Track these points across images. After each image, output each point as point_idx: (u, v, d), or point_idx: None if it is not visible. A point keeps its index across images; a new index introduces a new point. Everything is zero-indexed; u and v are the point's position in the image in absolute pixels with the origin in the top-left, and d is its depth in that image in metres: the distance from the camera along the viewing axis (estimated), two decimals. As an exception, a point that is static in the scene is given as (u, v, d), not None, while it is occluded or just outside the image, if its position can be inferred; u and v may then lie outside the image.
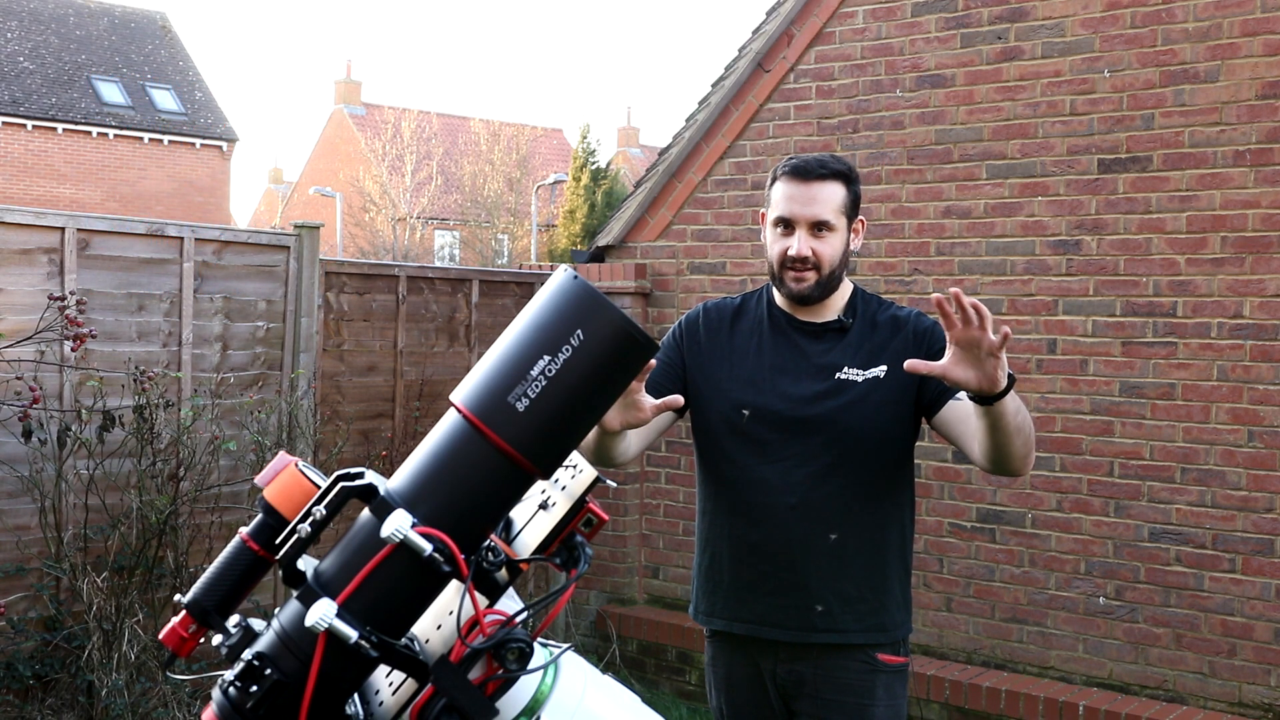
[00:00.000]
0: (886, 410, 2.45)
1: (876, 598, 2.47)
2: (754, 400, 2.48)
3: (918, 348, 2.44)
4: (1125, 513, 4.86)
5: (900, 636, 2.52)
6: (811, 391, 2.46)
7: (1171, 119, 4.78)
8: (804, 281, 2.46)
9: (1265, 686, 4.56)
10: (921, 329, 2.49)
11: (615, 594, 6.26)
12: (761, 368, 2.51)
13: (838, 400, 2.44)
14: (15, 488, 4.46)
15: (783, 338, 2.53)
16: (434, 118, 33.93)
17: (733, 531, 2.53)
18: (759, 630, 2.50)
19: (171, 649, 1.22)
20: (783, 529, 2.45)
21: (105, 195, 25.37)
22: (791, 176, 2.48)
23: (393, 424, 5.79)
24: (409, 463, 1.19)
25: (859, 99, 5.54)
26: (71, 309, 4.32)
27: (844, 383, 2.46)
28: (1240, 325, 4.64)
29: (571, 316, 1.14)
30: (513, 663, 1.14)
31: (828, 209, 2.45)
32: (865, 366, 2.47)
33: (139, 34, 28.24)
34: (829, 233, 2.45)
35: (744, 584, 2.51)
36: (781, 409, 2.46)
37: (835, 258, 2.47)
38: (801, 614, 2.45)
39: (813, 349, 2.51)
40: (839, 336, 2.51)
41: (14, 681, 4.36)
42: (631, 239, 6.30)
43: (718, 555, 2.56)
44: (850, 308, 2.54)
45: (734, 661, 2.58)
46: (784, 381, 2.49)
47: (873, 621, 2.47)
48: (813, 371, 2.48)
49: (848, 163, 2.55)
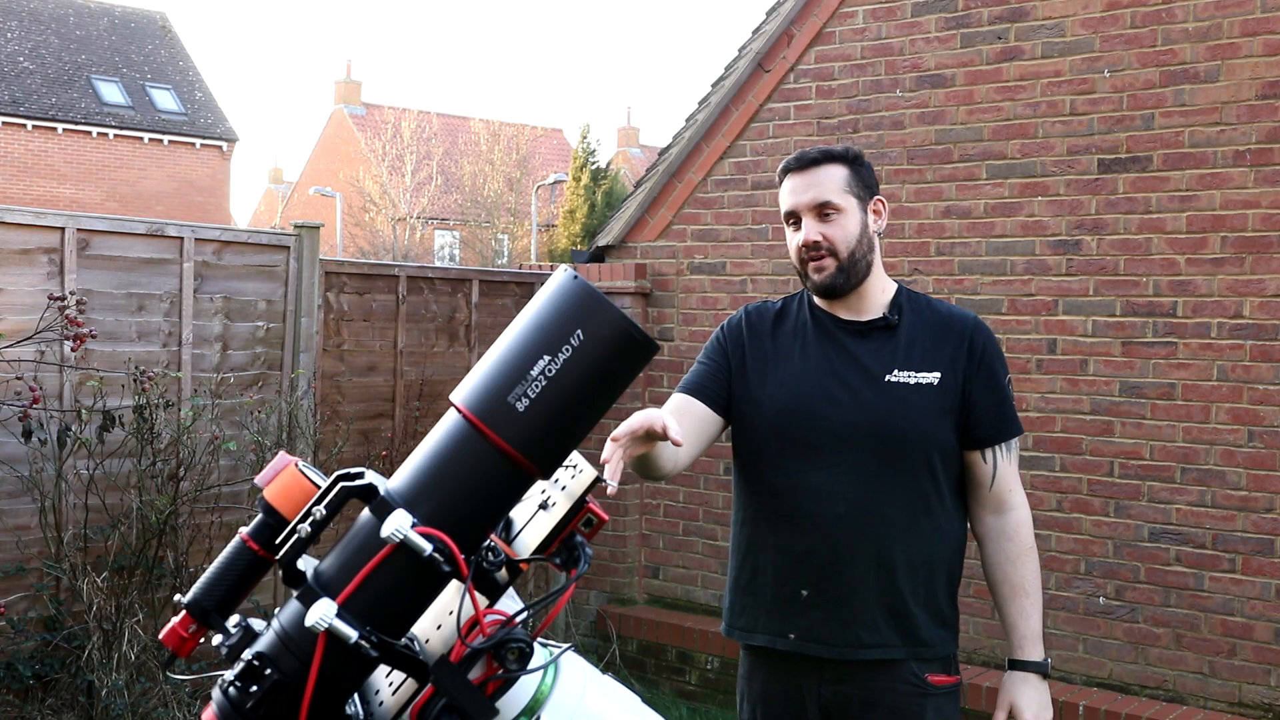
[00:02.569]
0: (939, 417, 2.35)
1: (926, 614, 2.36)
2: (800, 404, 2.38)
3: (970, 360, 2.37)
4: (1125, 513, 4.86)
5: (949, 654, 2.40)
6: (861, 395, 2.35)
7: (1171, 119, 4.78)
8: (824, 270, 2.36)
9: (1265, 686, 4.56)
10: (979, 341, 2.40)
11: (615, 594, 6.26)
12: (807, 370, 2.40)
13: (889, 404, 2.34)
14: (15, 488, 4.46)
15: (827, 339, 2.42)
16: (434, 118, 33.92)
17: (776, 542, 2.39)
18: (803, 647, 2.36)
19: (171, 649, 1.22)
20: (830, 539, 2.33)
21: (105, 195, 25.36)
22: (790, 171, 2.43)
23: (393, 424, 5.79)
24: (409, 463, 1.19)
25: (859, 99, 5.54)
26: (71, 309, 4.32)
27: (895, 385, 2.35)
28: (1240, 325, 4.64)
29: (571, 316, 1.14)
30: (513, 663, 1.14)
31: (828, 189, 2.36)
32: (918, 369, 2.36)
33: (139, 34, 28.24)
34: (836, 213, 2.36)
35: (787, 597, 2.38)
36: (829, 413, 2.35)
37: (850, 239, 2.36)
38: (848, 630, 2.33)
39: (859, 349, 2.39)
40: (887, 336, 2.39)
41: (14, 681, 4.36)
42: (631, 239, 6.30)
43: (760, 567, 2.42)
44: (895, 305, 2.42)
45: (772, 677, 2.44)
46: (831, 384, 2.38)
47: (921, 638, 2.35)
48: (861, 373, 2.37)
49: (850, 147, 2.46)
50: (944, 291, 5.22)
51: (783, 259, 5.74)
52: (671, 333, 6.12)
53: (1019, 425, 2.44)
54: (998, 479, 2.40)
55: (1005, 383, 2.43)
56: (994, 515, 2.43)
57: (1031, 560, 2.42)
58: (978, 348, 2.39)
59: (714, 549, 5.94)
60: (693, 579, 6.08)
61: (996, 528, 2.42)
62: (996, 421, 2.39)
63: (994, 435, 2.39)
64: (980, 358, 2.39)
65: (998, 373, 2.41)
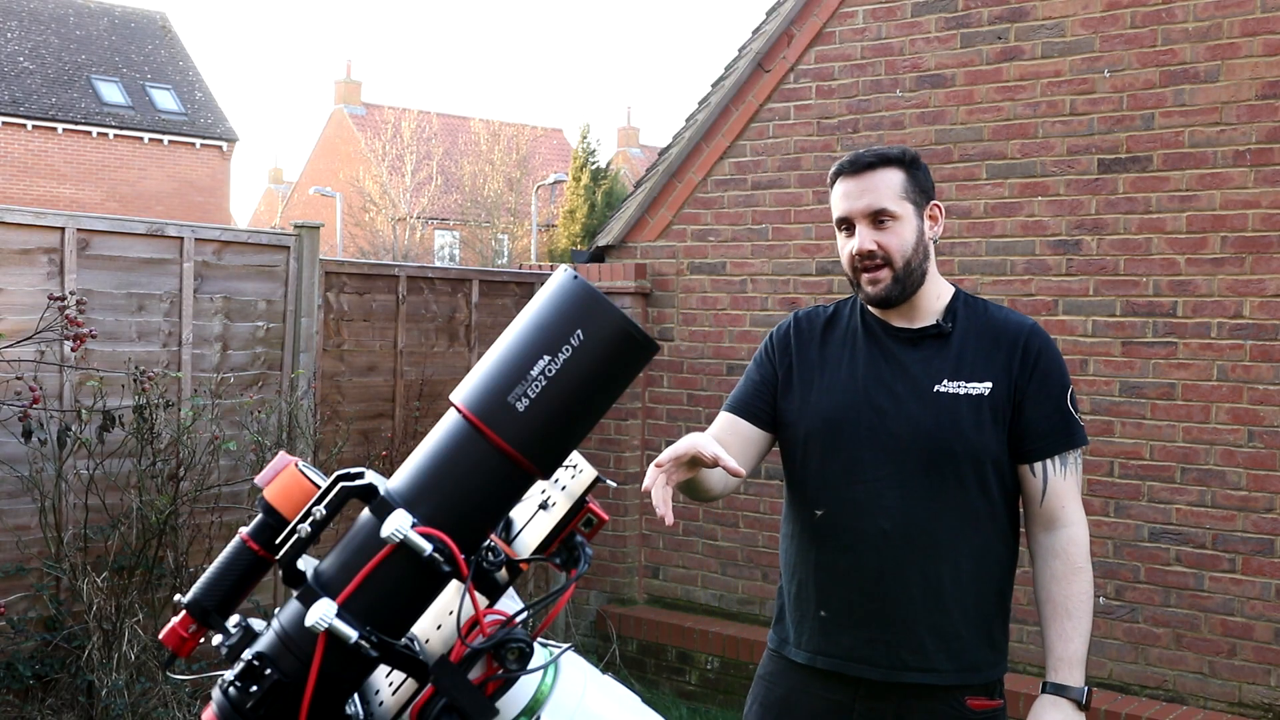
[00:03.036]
0: (991, 429, 2.25)
1: (973, 635, 2.26)
2: (844, 415, 2.30)
3: (1024, 369, 2.28)
4: (1125, 513, 4.86)
5: (995, 678, 2.31)
6: (908, 406, 2.27)
7: (1171, 119, 4.78)
8: (879, 282, 2.27)
9: (1265, 686, 4.56)
10: (1033, 348, 2.29)
11: (615, 594, 6.26)
12: (855, 379, 2.32)
13: (936, 416, 2.25)
14: (15, 488, 4.46)
15: (877, 347, 2.33)
16: (434, 118, 33.93)
17: (820, 558, 2.32)
18: (845, 666, 2.28)
19: (171, 649, 1.22)
20: (874, 555, 2.25)
21: (105, 195, 25.37)
22: (842, 174, 2.32)
23: (393, 424, 5.79)
24: (409, 463, 1.18)
25: (859, 99, 5.54)
26: (71, 309, 4.32)
27: (943, 396, 2.26)
28: (1240, 325, 4.64)
29: (571, 316, 1.14)
30: (513, 663, 1.14)
31: (884, 196, 2.27)
32: (969, 379, 2.27)
33: (139, 34, 28.24)
34: (892, 221, 2.27)
35: (830, 615, 2.30)
36: (874, 424, 2.27)
37: (906, 248, 2.27)
38: (891, 650, 2.24)
39: (909, 358, 2.30)
40: (939, 344, 2.30)
41: (14, 681, 4.36)
42: (631, 239, 6.30)
43: (804, 583, 2.35)
44: (950, 312, 2.33)
45: (797, 688, 2.35)
46: (878, 394, 2.29)
47: (967, 661, 2.26)
48: (909, 383, 2.29)
49: (906, 148, 2.38)
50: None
51: (782, 259, 5.74)
52: (671, 333, 6.12)
53: (1079, 437, 2.31)
54: (1049, 494, 2.29)
55: (1062, 392, 2.31)
56: (1045, 531, 2.31)
57: (1080, 581, 2.27)
58: (1031, 355, 2.29)
59: (714, 549, 5.94)
60: (693, 579, 6.07)
61: (1046, 544, 2.30)
62: (1048, 433, 2.29)
63: (1045, 448, 2.29)
64: (1034, 366, 2.29)
65: (1052, 381, 2.30)
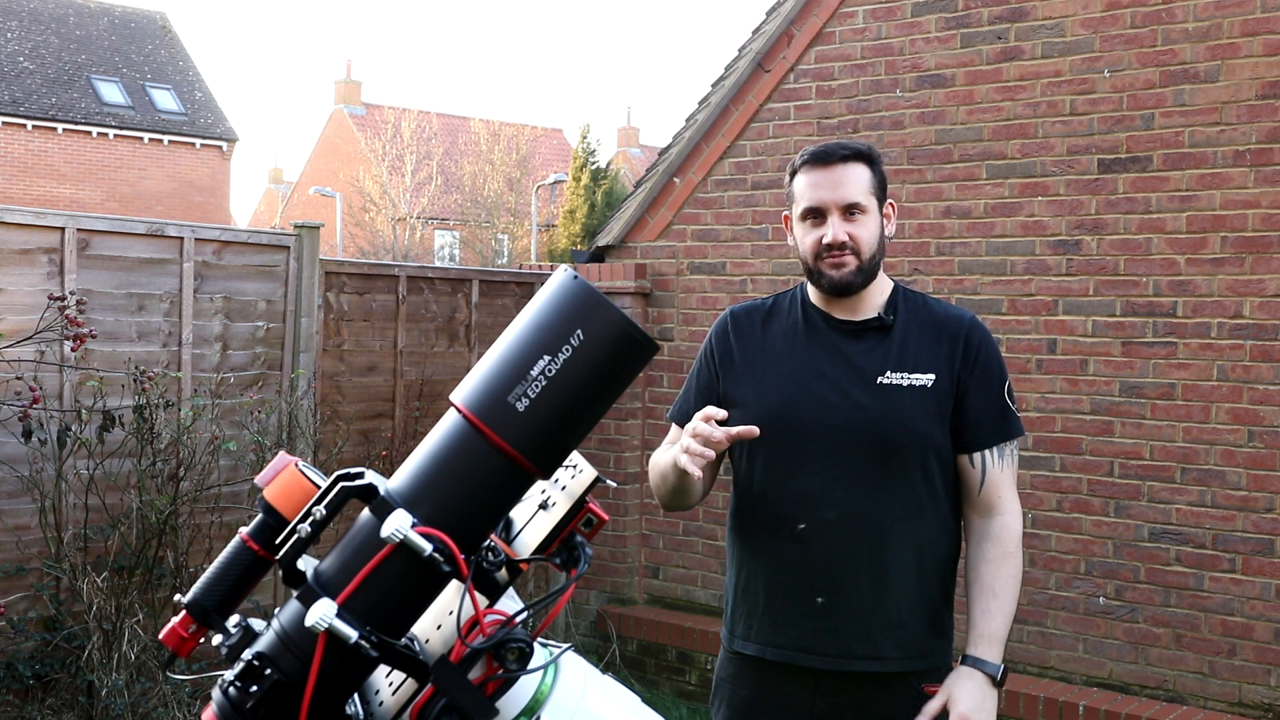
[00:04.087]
0: (934, 420, 2.30)
1: (920, 623, 2.31)
2: (789, 407, 2.32)
3: (965, 362, 2.33)
4: (1125, 513, 4.86)
5: (943, 663, 2.35)
6: (853, 397, 2.30)
7: (1171, 119, 4.78)
8: (844, 267, 2.30)
9: (1265, 686, 4.56)
10: (974, 341, 2.35)
11: (615, 594, 6.26)
12: (798, 371, 2.34)
13: (882, 407, 2.28)
14: (15, 488, 4.47)
15: (819, 339, 2.36)
16: (434, 118, 33.93)
17: (768, 549, 2.35)
18: (794, 657, 2.31)
19: (171, 649, 1.22)
20: (821, 546, 2.28)
21: (105, 195, 25.36)
22: (813, 164, 2.34)
23: (393, 424, 5.79)
24: (409, 463, 1.19)
25: (859, 99, 5.54)
26: (71, 309, 4.32)
27: (888, 387, 2.30)
28: (1240, 325, 4.64)
29: (571, 316, 1.14)
30: (513, 663, 1.14)
31: (857, 190, 2.31)
32: (911, 370, 2.31)
33: (139, 34, 28.24)
34: (862, 215, 2.31)
35: (779, 606, 2.33)
36: (820, 416, 2.30)
37: (872, 242, 2.32)
38: (838, 639, 2.28)
39: (852, 350, 2.34)
40: (881, 337, 2.34)
41: (14, 681, 4.36)
42: (631, 239, 6.30)
43: (753, 574, 2.38)
44: (891, 305, 2.37)
45: (761, 687, 2.37)
46: (822, 386, 2.32)
47: (914, 649, 2.30)
48: (853, 375, 2.31)
49: (867, 143, 2.41)
50: (944, 291, 5.22)
51: (783, 259, 5.73)
52: (671, 333, 6.12)
53: (1015, 428, 2.38)
54: (987, 483, 2.34)
55: (1001, 385, 2.36)
56: (981, 518, 2.36)
57: (1009, 565, 2.32)
58: (973, 348, 2.34)
59: (714, 549, 5.94)
60: (693, 579, 6.08)
61: (981, 529, 2.36)
62: (988, 425, 2.34)
63: (984, 439, 2.34)
64: (975, 359, 2.34)
65: (992, 374, 2.35)
